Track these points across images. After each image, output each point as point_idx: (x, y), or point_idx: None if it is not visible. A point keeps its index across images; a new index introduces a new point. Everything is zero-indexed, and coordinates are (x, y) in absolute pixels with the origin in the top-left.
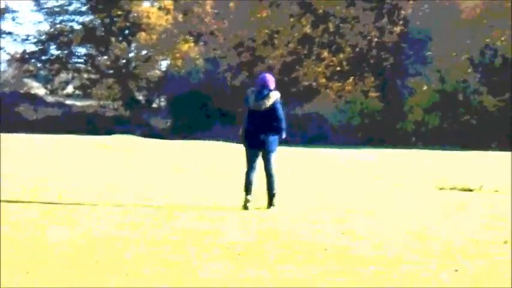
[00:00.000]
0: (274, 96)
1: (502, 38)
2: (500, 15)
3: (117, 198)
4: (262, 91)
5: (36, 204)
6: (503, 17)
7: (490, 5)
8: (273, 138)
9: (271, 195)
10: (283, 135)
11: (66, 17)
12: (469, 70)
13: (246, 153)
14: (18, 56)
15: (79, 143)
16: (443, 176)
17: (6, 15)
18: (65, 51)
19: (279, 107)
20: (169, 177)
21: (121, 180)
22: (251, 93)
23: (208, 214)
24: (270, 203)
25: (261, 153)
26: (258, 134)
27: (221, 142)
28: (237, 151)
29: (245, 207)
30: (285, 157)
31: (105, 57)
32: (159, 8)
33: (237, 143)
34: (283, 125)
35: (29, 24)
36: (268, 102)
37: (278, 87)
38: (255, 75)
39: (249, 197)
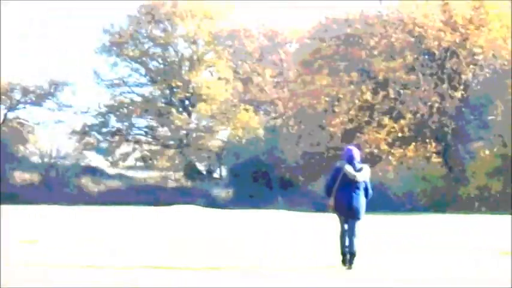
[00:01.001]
0: (368, 171)
1: None
2: None
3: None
4: (353, 163)
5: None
6: None
7: None
8: (362, 207)
9: (352, 255)
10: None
11: (126, 88)
12: None
13: (339, 218)
14: (78, 128)
15: (142, 214)
16: (507, 241)
17: (66, 88)
18: (126, 123)
19: (369, 181)
20: (230, 243)
21: (186, 248)
22: (343, 165)
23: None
24: (351, 262)
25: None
26: (350, 202)
27: (282, 211)
28: (297, 219)
29: (344, 264)
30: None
31: (166, 128)
32: (219, 78)
33: (297, 211)
34: (370, 195)
35: (88, 97)
36: (364, 176)
37: (339, 154)
38: (315, 143)
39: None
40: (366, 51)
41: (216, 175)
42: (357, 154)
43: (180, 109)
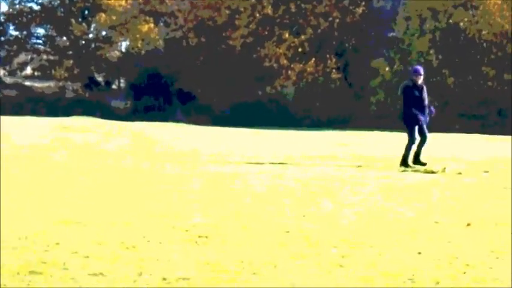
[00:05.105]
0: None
1: (465, 19)
2: None
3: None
4: (417, 81)
5: None
6: None
7: None
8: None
9: (419, 154)
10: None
11: None
12: (432, 51)
13: (412, 129)
14: None
15: (38, 125)
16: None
17: None
18: (24, 32)
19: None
20: (126, 157)
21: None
22: (411, 84)
23: (168, 196)
24: (418, 160)
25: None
26: (419, 114)
27: (181, 124)
28: (191, 132)
29: (406, 166)
30: (244, 139)
31: (65, 38)
32: None
33: (193, 124)
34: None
35: None
36: (424, 92)
37: (239, 69)
38: (214, 55)
39: (409, 161)
40: None
41: (114, 86)
42: (422, 71)
43: (80, 19)
